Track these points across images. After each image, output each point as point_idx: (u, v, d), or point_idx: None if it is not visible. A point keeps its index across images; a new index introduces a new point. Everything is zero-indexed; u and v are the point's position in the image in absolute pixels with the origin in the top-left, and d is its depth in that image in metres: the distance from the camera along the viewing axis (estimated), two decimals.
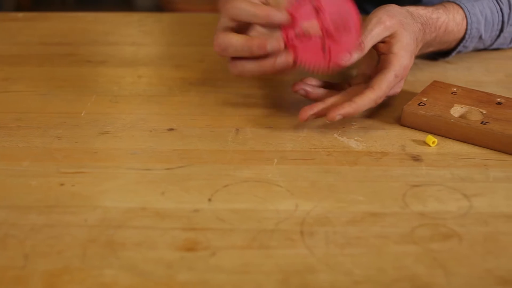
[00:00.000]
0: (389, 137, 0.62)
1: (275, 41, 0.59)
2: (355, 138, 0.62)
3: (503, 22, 0.76)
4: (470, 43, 0.76)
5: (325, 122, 0.64)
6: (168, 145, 0.61)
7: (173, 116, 0.66)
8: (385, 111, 0.67)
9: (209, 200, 0.53)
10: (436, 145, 0.61)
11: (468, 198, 0.53)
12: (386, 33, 0.63)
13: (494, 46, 0.80)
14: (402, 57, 0.62)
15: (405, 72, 0.63)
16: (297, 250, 0.47)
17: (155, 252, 0.47)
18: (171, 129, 0.63)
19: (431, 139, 0.61)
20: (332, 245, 0.48)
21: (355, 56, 0.61)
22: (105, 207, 0.52)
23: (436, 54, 0.78)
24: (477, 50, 0.80)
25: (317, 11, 0.60)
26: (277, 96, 0.70)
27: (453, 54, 0.77)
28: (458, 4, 0.73)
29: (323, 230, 0.49)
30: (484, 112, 0.64)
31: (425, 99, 0.65)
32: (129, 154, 0.59)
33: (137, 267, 0.46)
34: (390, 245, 0.48)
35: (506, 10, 0.75)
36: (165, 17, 0.92)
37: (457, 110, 0.64)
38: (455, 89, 0.68)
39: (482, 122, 0.61)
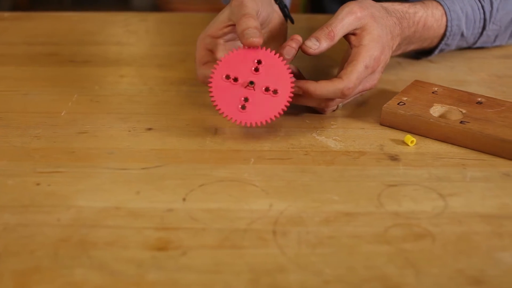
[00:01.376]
0: (368, 137, 0.62)
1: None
2: (334, 137, 0.62)
3: (485, 19, 0.76)
4: (452, 41, 0.75)
5: (305, 122, 0.64)
6: (146, 144, 0.60)
7: (153, 115, 0.65)
8: (365, 110, 0.67)
9: (184, 199, 0.53)
10: (415, 144, 0.61)
11: (443, 198, 0.53)
12: (357, 24, 0.62)
13: (478, 44, 0.80)
14: (372, 48, 0.62)
15: (376, 63, 0.62)
16: (268, 250, 0.47)
17: (127, 251, 0.47)
18: (150, 129, 0.63)
19: (409, 138, 0.61)
20: (304, 245, 0.48)
21: (324, 45, 0.60)
22: (80, 206, 0.52)
23: (419, 53, 0.78)
24: (460, 48, 0.80)
25: (257, 65, 0.60)
26: None
27: (436, 52, 0.77)
28: (438, 1, 0.73)
29: (296, 230, 0.49)
30: (464, 111, 0.63)
31: (405, 99, 0.65)
32: (107, 154, 0.59)
33: (108, 267, 0.46)
34: (362, 245, 0.48)
35: (487, 8, 0.75)
36: (151, 16, 0.92)
37: (437, 110, 0.64)
38: (436, 89, 0.68)
39: (461, 122, 0.61)
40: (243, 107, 0.59)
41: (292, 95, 0.59)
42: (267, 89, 0.59)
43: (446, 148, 0.60)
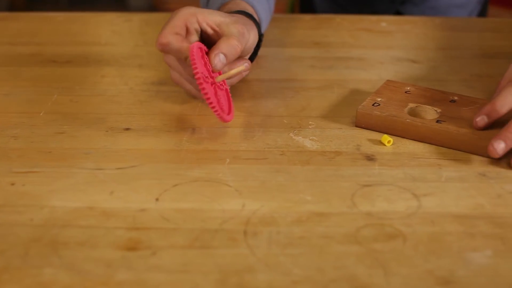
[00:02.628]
0: (345, 137, 0.62)
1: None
2: (311, 137, 0.62)
3: None
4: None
5: (283, 122, 0.64)
6: (123, 144, 0.60)
7: (131, 116, 0.65)
8: (344, 110, 0.67)
9: (157, 199, 0.52)
10: (392, 144, 0.61)
11: (417, 198, 0.53)
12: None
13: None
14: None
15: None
16: (238, 250, 0.47)
17: (97, 251, 0.47)
18: (127, 129, 0.63)
19: (386, 138, 0.60)
20: (274, 245, 0.47)
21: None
22: (53, 206, 0.52)
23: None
24: (443, 48, 0.79)
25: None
26: (237, 97, 0.69)
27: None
28: None
29: (267, 230, 0.49)
30: (439, 110, 0.63)
31: (379, 99, 0.65)
32: (83, 154, 0.59)
33: (77, 266, 0.45)
34: (333, 245, 0.48)
35: None
36: (135, 17, 0.92)
37: (412, 110, 0.64)
38: (408, 88, 0.68)
39: (437, 121, 0.61)
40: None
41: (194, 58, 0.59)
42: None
43: (423, 148, 0.60)
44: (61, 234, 0.49)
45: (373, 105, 0.64)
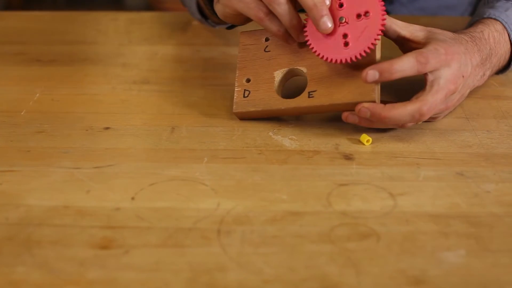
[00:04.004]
0: (325, 136, 0.61)
1: (303, 37, 0.61)
2: (290, 136, 0.61)
3: None
4: None
5: (263, 120, 0.64)
6: (102, 143, 0.60)
7: (112, 115, 0.65)
8: None
9: (132, 198, 0.52)
10: (371, 143, 0.60)
11: (393, 197, 0.53)
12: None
13: None
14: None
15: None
16: (210, 248, 0.47)
17: (70, 250, 0.47)
18: (107, 128, 0.63)
19: (365, 137, 0.60)
20: (247, 244, 0.47)
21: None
22: (29, 205, 0.52)
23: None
24: None
25: (339, 1, 0.60)
26: (218, 96, 0.69)
27: (508, 70, 0.71)
28: (493, 18, 0.68)
29: (241, 229, 0.49)
30: (305, 70, 0.62)
31: (245, 80, 0.64)
32: (61, 153, 0.59)
33: (49, 265, 0.45)
34: (306, 244, 0.48)
35: None
36: (121, 16, 0.92)
37: (279, 76, 0.63)
38: (267, 44, 0.65)
39: (309, 95, 0.61)
40: (346, 44, 0.59)
41: (384, 8, 0.58)
42: (358, 16, 0.59)
43: (402, 147, 0.60)
44: (35, 233, 0.49)
45: (244, 96, 0.63)
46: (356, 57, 0.59)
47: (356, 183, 0.55)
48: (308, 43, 0.61)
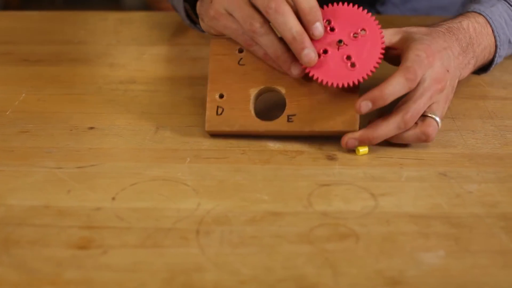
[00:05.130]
0: (309, 136, 0.61)
1: (297, 69, 0.58)
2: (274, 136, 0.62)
3: None
4: (503, 51, 0.70)
5: None
6: (85, 143, 0.60)
7: (97, 114, 0.65)
8: None
9: (113, 198, 0.52)
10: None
11: (375, 197, 0.53)
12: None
13: None
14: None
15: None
16: (189, 249, 0.47)
17: (48, 250, 0.47)
18: (91, 128, 0.63)
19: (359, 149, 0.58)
20: (226, 245, 0.47)
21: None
22: (9, 205, 0.52)
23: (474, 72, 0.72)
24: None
25: (329, 26, 0.58)
26: (204, 96, 0.68)
27: (492, 67, 0.70)
28: (476, 12, 0.68)
29: (220, 229, 0.49)
30: (283, 91, 0.60)
31: (219, 98, 0.60)
32: (45, 153, 0.59)
33: (27, 265, 0.45)
34: (284, 244, 0.47)
35: None
36: (111, 16, 0.92)
37: (255, 94, 0.60)
38: (241, 56, 0.61)
39: (288, 120, 0.58)
40: (353, 65, 0.57)
41: (378, 25, 0.58)
42: (355, 35, 0.58)
43: (387, 147, 0.59)
44: (14, 233, 0.49)
45: (217, 113, 0.60)
46: (367, 75, 0.57)
47: (338, 184, 0.54)
48: (307, 70, 0.58)
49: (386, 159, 0.58)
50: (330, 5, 0.58)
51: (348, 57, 0.57)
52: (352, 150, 0.58)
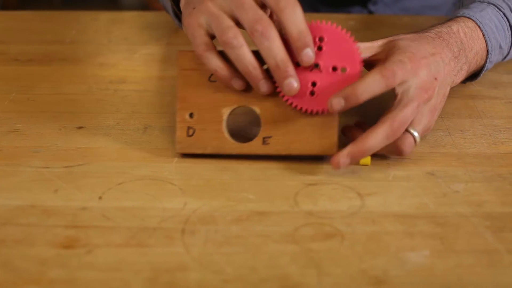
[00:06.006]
0: None
1: (265, 85, 0.55)
2: None
3: (511, 26, 0.69)
4: (494, 56, 0.68)
5: (237, 120, 0.64)
6: (74, 143, 0.60)
7: (86, 114, 0.65)
8: None
9: (100, 198, 0.52)
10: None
11: (361, 197, 0.53)
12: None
13: (509, 56, 0.71)
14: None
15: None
16: (173, 248, 0.47)
17: (33, 249, 0.47)
18: (80, 127, 0.63)
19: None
20: (210, 244, 0.47)
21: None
22: None
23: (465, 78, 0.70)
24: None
25: (319, 43, 0.55)
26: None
27: (482, 73, 0.68)
28: (466, 16, 0.66)
29: (205, 228, 0.49)
30: (258, 111, 0.57)
31: (189, 117, 0.57)
32: (32, 152, 0.59)
33: (11, 264, 0.45)
34: (269, 244, 0.47)
35: (509, 13, 0.68)
36: (103, 16, 0.92)
37: (228, 113, 0.57)
38: (211, 73, 0.56)
39: (263, 142, 0.56)
40: (312, 93, 0.55)
41: (361, 70, 0.55)
42: (334, 69, 0.55)
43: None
44: (0, 232, 0.49)
45: (188, 134, 0.57)
46: (321, 111, 0.55)
47: (325, 183, 0.54)
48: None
49: (373, 158, 0.58)
50: (324, 22, 0.55)
51: (313, 83, 0.55)
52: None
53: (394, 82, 0.54)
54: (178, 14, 0.74)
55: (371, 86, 0.54)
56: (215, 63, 0.55)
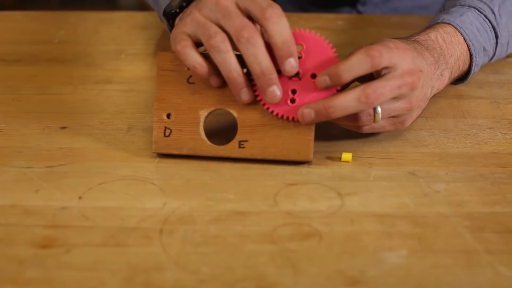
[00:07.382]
0: None
1: (247, 93, 0.55)
2: None
3: (493, 27, 0.69)
4: (479, 59, 0.68)
5: (220, 121, 0.64)
6: (56, 143, 0.60)
7: (70, 114, 0.65)
8: None
9: (80, 198, 0.52)
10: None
11: (341, 197, 0.53)
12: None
13: (495, 56, 0.72)
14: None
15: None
16: (151, 248, 0.47)
17: (11, 248, 0.47)
18: (64, 127, 0.63)
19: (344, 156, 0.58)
20: (188, 244, 0.47)
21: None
22: None
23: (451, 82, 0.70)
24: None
25: (298, 51, 0.55)
26: None
27: (469, 77, 0.68)
28: (445, 22, 0.66)
29: (184, 228, 0.49)
30: (235, 114, 0.56)
31: (165, 116, 0.57)
32: (15, 152, 0.59)
33: None
34: (247, 244, 0.47)
35: (490, 15, 0.68)
36: (92, 15, 0.92)
37: (205, 115, 0.57)
38: (190, 75, 0.57)
39: (239, 146, 0.56)
40: (293, 101, 0.55)
41: None
42: (313, 76, 0.55)
43: (357, 146, 0.59)
44: None
45: (165, 135, 0.57)
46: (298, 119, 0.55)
47: (306, 183, 0.54)
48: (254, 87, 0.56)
49: (356, 158, 0.58)
50: (307, 30, 0.55)
51: (293, 91, 0.55)
52: (327, 151, 0.59)
53: (380, 63, 0.53)
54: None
55: (356, 65, 0.53)
56: (195, 60, 0.55)
